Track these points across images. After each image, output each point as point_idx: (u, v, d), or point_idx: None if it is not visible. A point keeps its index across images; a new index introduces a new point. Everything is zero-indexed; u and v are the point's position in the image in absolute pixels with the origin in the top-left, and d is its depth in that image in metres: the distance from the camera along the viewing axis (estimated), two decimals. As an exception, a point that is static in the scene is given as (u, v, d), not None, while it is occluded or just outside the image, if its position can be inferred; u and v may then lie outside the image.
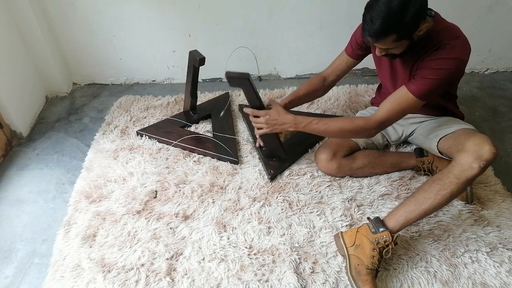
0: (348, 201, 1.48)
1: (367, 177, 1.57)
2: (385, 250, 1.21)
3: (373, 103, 1.74)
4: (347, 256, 1.24)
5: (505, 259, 1.29)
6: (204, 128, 1.87)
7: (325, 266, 1.28)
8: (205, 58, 1.59)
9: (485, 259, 1.29)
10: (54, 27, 2.06)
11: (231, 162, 1.67)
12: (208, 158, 1.70)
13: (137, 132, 1.84)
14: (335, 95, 2.05)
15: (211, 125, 1.88)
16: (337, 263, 1.28)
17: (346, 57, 1.54)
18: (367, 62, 1.58)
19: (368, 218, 1.30)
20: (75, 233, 1.40)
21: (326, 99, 2.01)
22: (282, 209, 1.46)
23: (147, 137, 1.80)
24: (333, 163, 1.53)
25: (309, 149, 1.72)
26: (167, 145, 1.77)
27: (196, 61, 1.59)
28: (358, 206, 1.47)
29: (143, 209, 1.47)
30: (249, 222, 1.42)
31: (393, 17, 1.11)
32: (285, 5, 2.02)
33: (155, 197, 1.53)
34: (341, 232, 1.31)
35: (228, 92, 2.13)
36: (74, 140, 1.89)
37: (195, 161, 1.68)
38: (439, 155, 1.44)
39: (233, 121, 1.92)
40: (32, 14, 1.91)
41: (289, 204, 1.48)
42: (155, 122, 1.91)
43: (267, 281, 1.24)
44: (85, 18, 2.03)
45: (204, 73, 2.23)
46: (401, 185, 1.54)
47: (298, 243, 1.35)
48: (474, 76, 2.30)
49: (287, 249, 1.32)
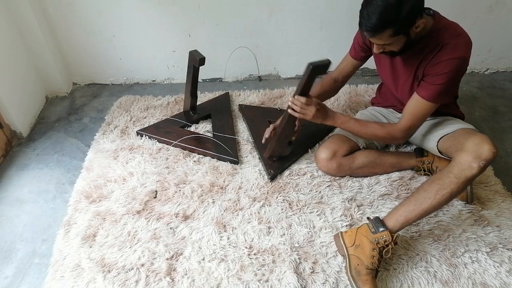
0: (348, 201, 1.48)
1: (367, 177, 1.57)
2: (385, 250, 1.21)
3: (373, 103, 1.74)
4: (347, 256, 1.24)
5: (505, 259, 1.29)
6: (204, 128, 1.87)
7: (325, 266, 1.28)
8: (205, 58, 1.59)
9: (485, 259, 1.29)
10: (54, 27, 2.06)
11: (231, 162, 1.67)
12: (208, 158, 1.70)
13: (137, 132, 1.84)
14: (335, 95, 2.04)
15: (211, 125, 1.88)
16: (337, 263, 1.28)
17: (350, 59, 1.57)
18: (367, 62, 1.58)
19: (368, 218, 1.30)
20: (75, 233, 1.40)
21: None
22: (282, 209, 1.46)
23: (147, 137, 1.80)
24: (333, 163, 1.53)
25: (309, 149, 1.72)
26: (167, 145, 1.77)
27: (196, 61, 1.59)
28: (358, 206, 1.47)
29: (143, 209, 1.47)
30: (249, 222, 1.42)
31: (389, 11, 1.12)
32: (285, 5, 2.02)
33: (155, 197, 1.53)
34: (341, 232, 1.31)
35: (228, 92, 2.13)
36: (74, 140, 1.89)
37: (195, 161, 1.68)
38: (439, 155, 1.44)
39: (233, 121, 1.92)
40: (32, 14, 1.91)
41: (289, 204, 1.48)
42: (155, 122, 1.91)
43: (267, 281, 1.24)
44: (85, 18, 2.03)
45: (204, 73, 2.23)
46: (401, 185, 1.54)
47: (298, 243, 1.35)
48: (474, 76, 2.30)
49: (287, 249, 1.32)
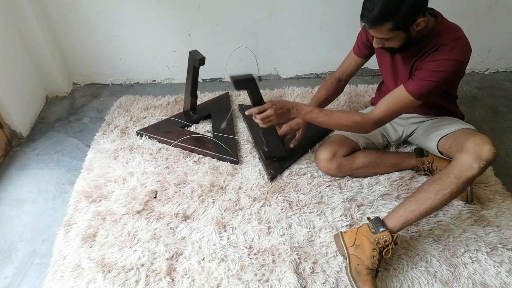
0: (348, 201, 1.48)
1: (367, 177, 1.57)
2: (385, 250, 1.21)
3: (373, 103, 1.74)
4: (347, 256, 1.24)
5: (505, 259, 1.29)
6: (204, 128, 1.87)
7: (325, 266, 1.28)
8: (205, 58, 1.59)
9: (485, 259, 1.28)
10: (54, 27, 2.06)
11: (231, 162, 1.67)
12: (208, 158, 1.70)
13: (137, 132, 1.84)
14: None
15: (211, 125, 1.88)
16: (337, 263, 1.28)
17: (354, 57, 1.57)
18: (367, 62, 1.58)
19: (368, 218, 1.30)
20: (75, 233, 1.40)
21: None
22: (282, 209, 1.46)
23: (147, 137, 1.80)
24: (333, 163, 1.53)
25: (309, 149, 1.72)
26: (167, 145, 1.77)
27: (196, 61, 1.59)
28: (358, 206, 1.47)
29: (143, 209, 1.47)
30: (249, 222, 1.42)
31: (391, 3, 1.12)
32: (285, 5, 2.02)
33: (155, 197, 1.53)
34: (341, 232, 1.31)
35: (228, 92, 2.13)
36: (74, 140, 1.89)
37: (195, 161, 1.68)
38: (439, 155, 1.44)
39: (233, 121, 1.92)
40: (32, 14, 1.91)
41: (289, 204, 1.48)
42: (155, 122, 1.91)
43: (267, 281, 1.24)
44: (85, 18, 2.03)
45: (204, 73, 2.23)
46: (401, 185, 1.54)
47: (298, 243, 1.35)
48: (474, 76, 2.30)
49: (287, 249, 1.32)
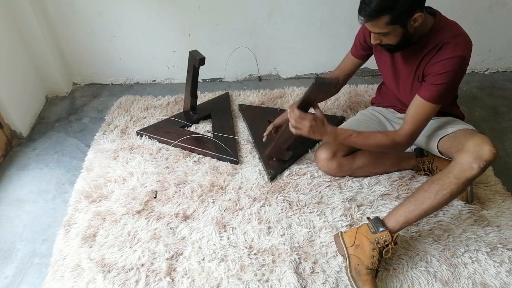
0: (348, 201, 1.48)
1: (367, 177, 1.57)
2: (385, 250, 1.21)
3: (373, 103, 1.74)
4: (347, 256, 1.24)
5: (505, 259, 1.29)
6: (204, 128, 1.87)
7: (325, 266, 1.28)
8: (205, 58, 1.59)
9: (485, 259, 1.29)
10: (54, 27, 2.06)
11: (231, 162, 1.67)
12: (208, 158, 1.70)
13: (137, 132, 1.84)
14: (335, 95, 2.04)
15: (211, 125, 1.88)
16: (337, 263, 1.28)
17: (351, 57, 1.57)
18: (367, 62, 1.58)
19: (368, 218, 1.30)
20: (75, 233, 1.40)
21: (326, 99, 2.01)
22: (282, 209, 1.46)
23: (147, 137, 1.80)
24: (333, 163, 1.53)
25: (309, 149, 1.72)
26: (167, 145, 1.77)
27: (196, 61, 1.59)
28: (358, 206, 1.47)
29: (143, 209, 1.47)
30: (249, 222, 1.42)
31: None
32: (285, 5, 2.02)
33: (155, 197, 1.53)
34: (341, 232, 1.31)
35: (228, 92, 2.13)
36: (74, 140, 1.89)
37: (195, 161, 1.68)
38: (439, 155, 1.44)
39: (233, 121, 1.92)
40: (32, 14, 1.91)
41: (289, 204, 1.48)
42: (155, 122, 1.91)
43: (267, 281, 1.24)
44: (85, 18, 2.03)
45: (204, 73, 2.23)
46: (401, 185, 1.54)
47: (298, 243, 1.35)
48: (474, 76, 2.30)
49: (287, 249, 1.32)
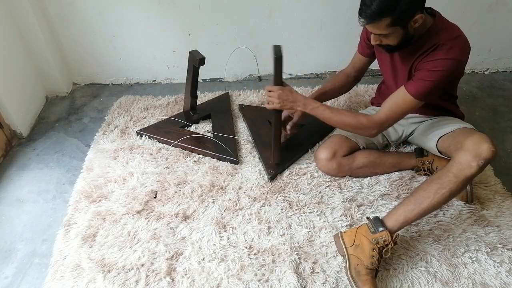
0: (348, 201, 1.48)
1: (367, 177, 1.57)
2: (384, 250, 1.21)
3: (373, 103, 1.74)
4: (346, 256, 1.24)
5: (505, 259, 1.29)
6: (204, 128, 1.87)
7: (325, 266, 1.28)
8: (205, 58, 1.59)
9: (485, 259, 1.29)
10: (54, 27, 2.06)
11: (231, 162, 1.67)
12: (208, 158, 1.70)
13: (137, 132, 1.84)
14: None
15: (211, 125, 1.88)
16: (337, 263, 1.28)
17: (358, 55, 1.58)
18: (367, 62, 1.59)
19: (367, 218, 1.30)
20: (75, 233, 1.40)
21: (326, 99, 2.01)
22: (282, 209, 1.46)
23: (147, 137, 1.80)
24: (333, 163, 1.53)
25: (309, 149, 1.72)
26: (167, 145, 1.77)
27: (196, 61, 1.59)
28: (358, 206, 1.47)
29: (143, 209, 1.47)
30: (249, 222, 1.42)
31: None
32: (285, 5, 2.02)
33: (155, 197, 1.53)
34: (341, 232, 1.31)
35: (228, 92, 2.13)
36: (74, 140, 1.89)
37: (195, 161, 1.68)
38: (439, 154, 1.44)
39: (233, 121, 1.92)
40: (32, 14, 1.91)
41: (289, 204, 1.48)
42: (155, 122, 1.91)
43: (267, 281, 1.24)
44: (85, 18, 2.03)
45: (204, 73, 2.23)
46: (401, 185, 1.54)
47: (298, 243, 1.35)
48: (474, 76, 2.29)
49: (287, 249, 1.32)
